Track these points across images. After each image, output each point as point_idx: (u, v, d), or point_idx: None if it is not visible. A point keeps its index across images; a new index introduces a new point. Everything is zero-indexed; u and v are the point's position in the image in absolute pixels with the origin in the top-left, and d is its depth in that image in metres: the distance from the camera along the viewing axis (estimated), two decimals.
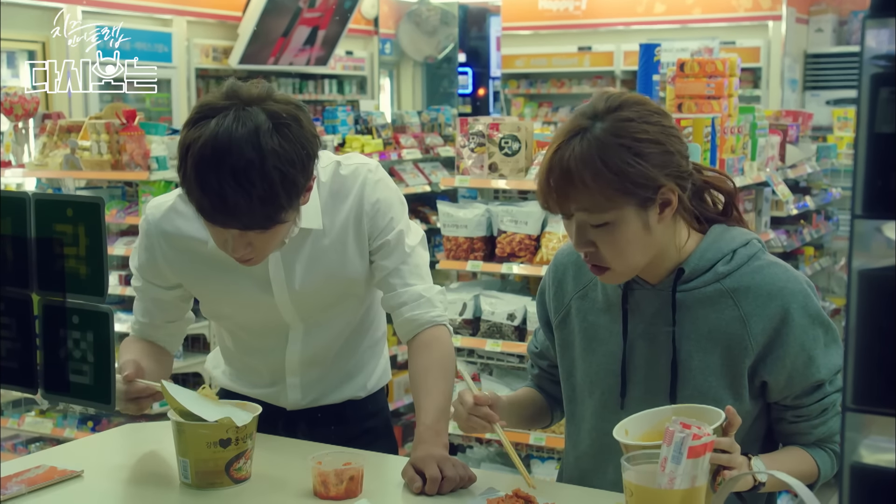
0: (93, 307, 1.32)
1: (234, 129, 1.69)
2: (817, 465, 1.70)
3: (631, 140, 1.58)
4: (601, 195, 1.57)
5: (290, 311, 2.03)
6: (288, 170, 1.70)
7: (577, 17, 10.59)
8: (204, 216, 1.76)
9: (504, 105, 11.34)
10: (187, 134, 1.73)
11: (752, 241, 1.72)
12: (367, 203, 1.99)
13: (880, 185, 0.88)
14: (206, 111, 1.73)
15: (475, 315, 3.85)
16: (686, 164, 1.65)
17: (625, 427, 1.60)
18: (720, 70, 3.82)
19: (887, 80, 0.88)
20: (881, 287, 0.90)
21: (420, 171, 6.24)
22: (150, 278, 2.05)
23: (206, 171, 1.68)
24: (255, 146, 1.68)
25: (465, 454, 4.02)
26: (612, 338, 1.76)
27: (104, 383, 1.35)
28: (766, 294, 1.66)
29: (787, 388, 1.68)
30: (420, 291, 2.01)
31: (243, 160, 1.67)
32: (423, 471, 1.76)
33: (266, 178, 1.69)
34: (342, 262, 2.01)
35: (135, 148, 4.34)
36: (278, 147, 1.70)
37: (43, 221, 1.34)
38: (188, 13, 8.51)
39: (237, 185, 1.67)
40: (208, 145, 1.68)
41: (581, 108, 1.64)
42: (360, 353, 2.17)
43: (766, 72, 9.57)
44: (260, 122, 1.70)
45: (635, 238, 1.62)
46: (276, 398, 2.13)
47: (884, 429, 0.90)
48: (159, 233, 2.00)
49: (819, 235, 5.58)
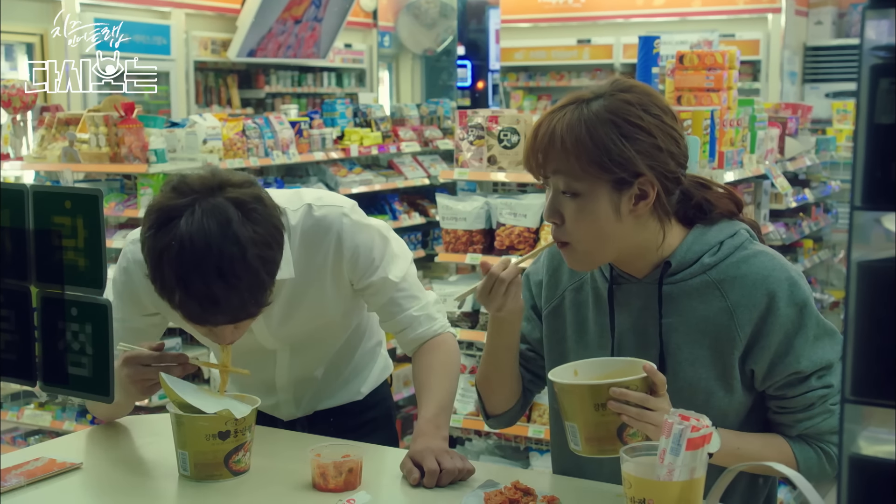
0: (91, 299, 1.32)
1: (207, 226, 1.62)
2: (796, 458, 1.66)
3: (622, 121, 1.58)
4: (577, 163, 1.59)
5: (271, 342, 2.03)
6: (267, 253, 1.67)
7: (577, 10, 10.58)
8: (192, 320, 1.71)
9: (503, 98, 11.32)
10: (155, 240, 1.65)
11: (740, 231, 1.71)
12: (345, 250, 1.93)
13: (880, 177, 0.88)
14: (167, 213, 1.65)
15: (474, 308, 3.85)
16: (674, 167, 1.62)
17: (574, 367, 1.65)
18: (719, 62, 3.81)
19: (887, 70, 0.88)
20: (880, 278, 0.89)
21: (419, 164, 6.24)
22: (126, 313, 1.97)
23: (190, 275, 1.62)
24: (233, 240, 1.63)
25: (463, 446, 4.02)
26: (602, 332, 1.76)
27: (103, 375, 1.34)
28: (752, 283, 1.65)
29: (769, 376, 1.66)
30: (416, 313, 2.00)
31: (226, 257, 1.62)
32: (422, 463, 1.76)
33: (250, 268, 1.64)
34: (320, 303, 1.98)
35: (133, 140, 4.33)
36: (254, 234, 1.65)
37: (41, 213, 1.34)
38: (187, 5, 8.49)
39: (224, 283, 1.63)
40: (186, 249, 1.61)
41: (589, 85, 1.66)
42: (354, 362, 2.17)
43: (765, 64, 9.57)
44: (230, 214, 1.64)
45: (603, 220, 1.61)
46: (272, 410, 2.14)
47: (883, 420, 0.90)
48: (138, 266, 1.88)
49: (818, 228, 5.58)
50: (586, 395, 1.55)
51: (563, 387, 1.59)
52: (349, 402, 2.17)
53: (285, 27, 9.21)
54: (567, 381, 1.61)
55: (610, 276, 1.74)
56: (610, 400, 1.52)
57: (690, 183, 1.72)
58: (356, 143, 5.74)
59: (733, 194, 1.76)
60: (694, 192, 1.71)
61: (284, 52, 9.36)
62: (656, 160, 1.60)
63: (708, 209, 1.71)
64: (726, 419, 1.68)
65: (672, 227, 1.69)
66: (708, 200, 1.72)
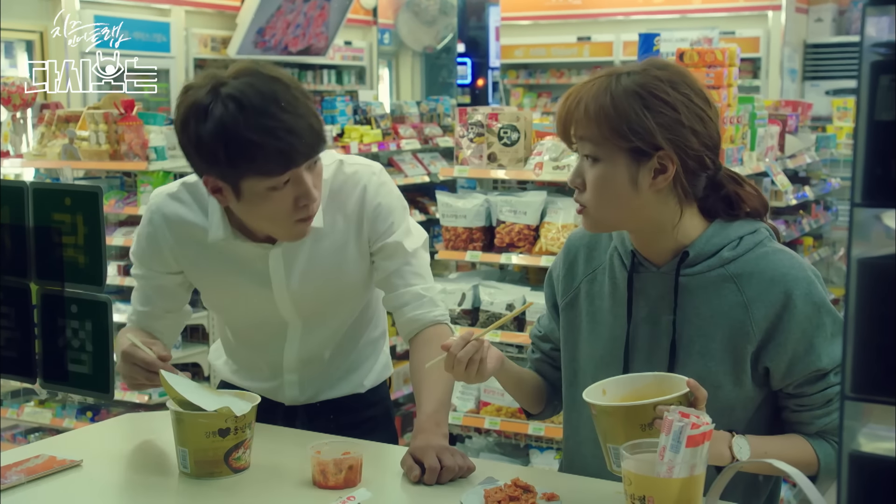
0: (91, 296, 1.32)
1: (252, 81, 1.74)
2: (817, 456, 1.68)
3: (647, 93, 1.61)
4: (598, 129, 1.62)
5: (287, 307, 2.03)
6: (305, 91, 1.80)
7: (577, 7, 10.58)
8: (276, 163, 1.75)
9: (503, 95, 11.32)
10: (208, 120, 1.72)
11: (760, 228, 1.72)
12: (368, 206, 1.99)
13: (880, 174, 0.88)
14: (201, 100, 1.73)
15: (474, 305, 3.85)
16: (697, 146, 1.62)
17: (602, 387, 1.62)
18: (720, 60, 3.81)
19: (887, 67, 0.88)
20: (880, 275, 0.89)
21: (419, 162, 6.23)
22: (152, 265, 2.04)
23: (259, 117, 1.71)
24: (280, 81, 1.76)
25: (464, 444, 4.02)
26: (617, 321, 1.76)
27: (103, 373, 1.34)
28: (769, 280, 1.65)
29: (788, 375, 1.67)
30: (421, 291, 2.01)
31: (282, 90, 1.74)
32: (422, 460, 1.76)
33: (301, 96, 1.77)
34: (341, 263, 2.00)
35: (133, 138, 4.33)
36: (287, 78, 1.79)
37: (41, 211, 1.34)
38: (186, 3, 8.49)
39: (290, 113, 1.73)
40: (243, 102, 1.71)
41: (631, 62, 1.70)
42: (358, 350, 2.17)
43: (765, 62, 9.57)
44: (258, 74, 1.77)
45: (620, 189, 1.63)
46: (275, 393, 2.13)
47: (883, 417, 0.90)
48: (162, 218, 1.99)
49: (818, 225, 5.58)
50: (631, 416, 1.52)
51: (605, 409, 1.55)
52: (350, 394, 2.17)
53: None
54: (607, 402, 1.58)
55: (631, 264, 1.74)
56: (656, 419, 1.49)
57: (724, 175, 1.73)
58: (356, 141, 5.74)
59: (762, 196, 1.76)
60: (726, 183, 1.72)
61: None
62: (678, 135, 1.61)
63: (736, 204, 1.72)
64: (733, 413, 1.68)
65: (693, 215, 1.70)
66: (738, 195, 1.72)
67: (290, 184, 1.78)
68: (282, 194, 1.79)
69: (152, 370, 1.86)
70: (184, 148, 1.81)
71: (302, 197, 1.81)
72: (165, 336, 2.13)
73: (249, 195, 1.79)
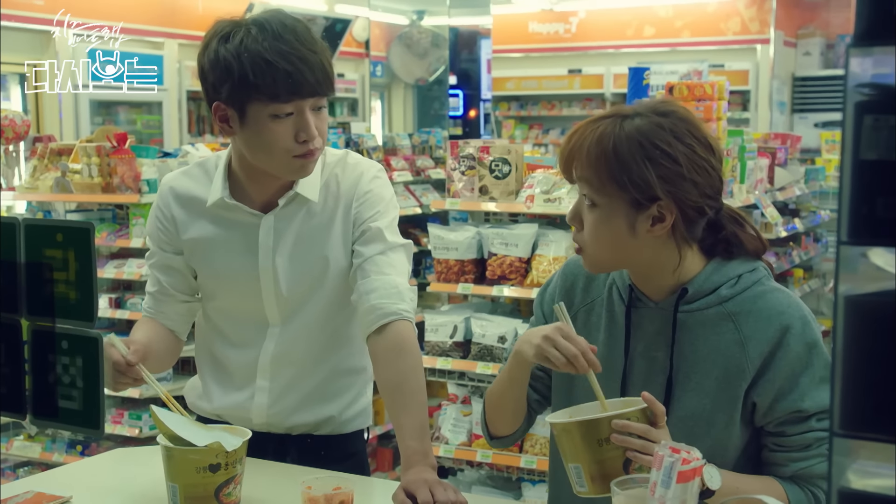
0: (82, 332, 1.31)
1: (278, 15, 1.90)
2: (788, 500, 1.65)
3: (650, 144, 1.60)
4: (597, 176, 1.62)
5: (269, 285, 2.04)
6: (328, 48, 1.92)
7: (567, 40, 10.66)
8: (284, 89, 1.85)
9: (495, 127, 11.37)
10: (232, 38, 1.86)
11: (759, 267, 1.73)
12: (360, 190, 2.05)
13: (865, 212, 0.89)
14: (227, 26, 1.89)
15: (466, 337, 3.84)
16: (696, 197, 1.62)
17: (569, 413, 1.64)
18: (709, 93, 3.84)
19: (871, 107, 0.89)
20: (868, 313, 0.90)
21: (411, 194, 6.25)
22: (161, 244, 2.12)
23: (276, 41, 1.84)
24: (303, 23, 1.91)
25: (455, 477, 4.00)
26: (612, 355, 1.76)
27: (93, 408, 1.34)
28: (766, 318, 1.66)
29: (770, 412, 1.66)
30: (392, 282, 1.99)
31: (303, 29, 1.89)
32: (415, 495, 1.76)
33: (321, 43, 1.91)
34: (325, 243, 2.04)
35: (125, 171, 4.34)
36: (306, 26, 1.92)
37: (32, 246, 1.34)
38: (179, 36, 8.53)
39: (307, 48, 1.86)
40: (265, 26, 1.86)
41: (637, 100, 1.70)
42: (333, 371, 2.12)
43: (754, 94, 9.64)
44: (277, 17, 1.90)
45: (617, 233, 1.64)
46: (246, 408, 2.11)
47: (872, 454, 0.90)
48: (169, 191, 2.12)
49: (808, 257, 5.60)
50: (587, 432, 1.53)
51: (563, 426, 1.56)
52: (325, 427, 2.14)
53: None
54: (565, 419, 1.59)
55: (629, 298, 1.74)
56: (613, 433, 1.51)
57: (726, 215, 1.73)
58: None
59: (762, 239, 1.76)
60: (726, 224, 1.72)
61: None
62: (677, 188, 1.60)
63: (735, 245, 1.72)
64: (726, 453, 1.68)
65: (694, 255, 1.70)
66: (737, 237, 1.72)
67: (293, 117, 1.88)
68: (284, 126, 1.89)
69: (118, 370, 1.90)
70: (201, 69, 1.92)
71: (302, 131, 1.90)
72: (176, 324, 2.16)
73: (253, 122, 1.89)
